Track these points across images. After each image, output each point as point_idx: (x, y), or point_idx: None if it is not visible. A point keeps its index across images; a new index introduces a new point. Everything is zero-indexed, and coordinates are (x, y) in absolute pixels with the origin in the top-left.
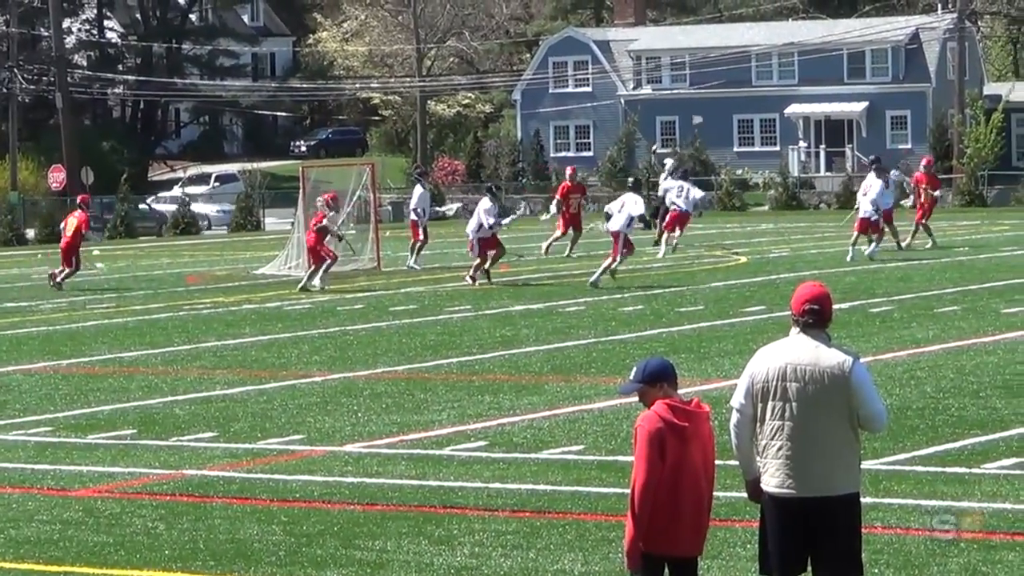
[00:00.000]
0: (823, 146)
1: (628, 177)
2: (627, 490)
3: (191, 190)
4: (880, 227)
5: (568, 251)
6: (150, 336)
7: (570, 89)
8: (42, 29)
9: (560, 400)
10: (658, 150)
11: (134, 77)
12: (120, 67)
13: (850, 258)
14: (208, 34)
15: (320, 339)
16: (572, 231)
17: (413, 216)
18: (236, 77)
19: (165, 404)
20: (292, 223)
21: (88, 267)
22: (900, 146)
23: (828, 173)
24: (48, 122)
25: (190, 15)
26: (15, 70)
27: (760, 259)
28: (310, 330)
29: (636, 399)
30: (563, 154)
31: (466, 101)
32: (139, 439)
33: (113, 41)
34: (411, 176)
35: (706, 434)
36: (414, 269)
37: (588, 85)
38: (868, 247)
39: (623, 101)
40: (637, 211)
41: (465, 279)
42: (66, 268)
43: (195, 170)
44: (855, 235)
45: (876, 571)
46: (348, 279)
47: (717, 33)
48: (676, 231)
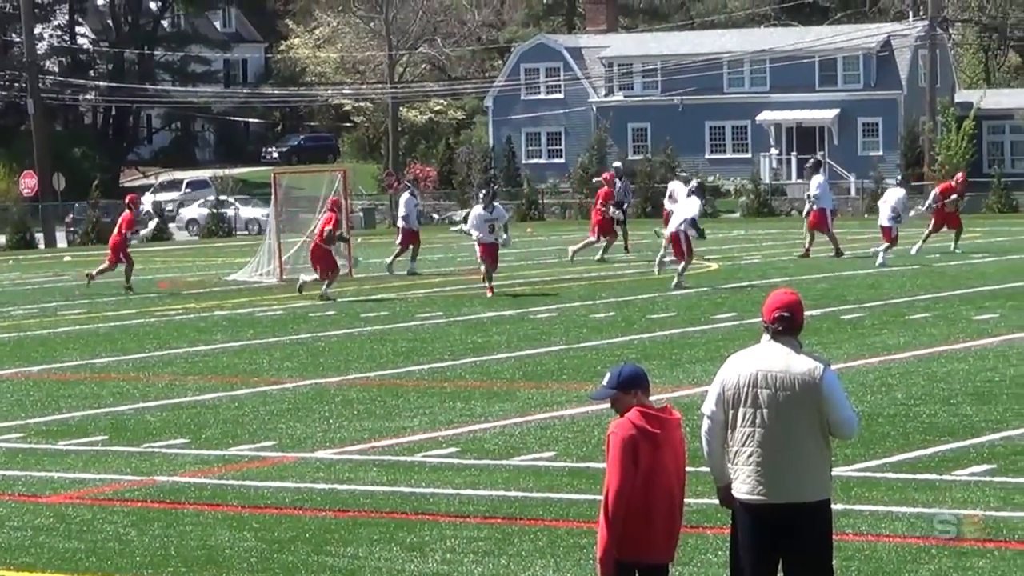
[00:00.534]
0: (795, 153)
1: (688, 182)
2: (599, 496)
3: (162, 196)
4: (895, 235)
5: (600, 254)
6: (121, 342)
7: (542, 96)
8: (13, 35)
9: (532, 407)
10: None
11: (106, 83)
12: (92, 73)
13: (880, 263)
14: (180, 40)
15: (291, 345)
16: (604, 236)
17: (401, 223)
18: (208, 83)
19: (136, 410)
20: (263, 229)
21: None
22: (871, 153)
23: (800, 180)
24: (19, 128)
25: (162, 21)
26: None
27: (731, 266)
28: (281, 336)
29: (608, 405)
30: (534, 161)
31: (438, 108)
32: (110, 445)
33: (85, 47)
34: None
35: (678, 440)
36: (405, 273)
37: (560, 92)
38: (880, 256)
39: (595, 108)
40: (691, 212)
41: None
42: (106, 266)
43: (167, 176)
44: (885, 244)
45: None
46: (319, 285)
47: (689, 40)
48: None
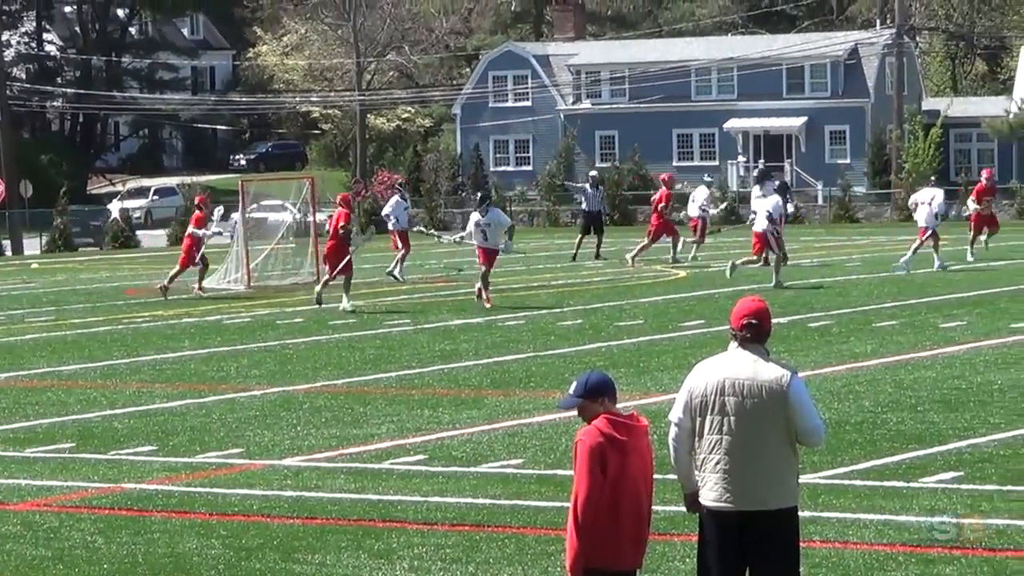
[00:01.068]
0: (762, 161)
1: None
2: (567, 504)
3: (129, 203)
4: (938, 237)
5: (672, 256)
6: (89, 349)
7: (510, 103)
8: None
9: (499, 414)
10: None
11: (73, 90)
12: (59, 80)
13: (938, 266)
14: (148, 47)
15: (259, 353)
16: (670, 237)
17: (391, 225)
18: (176, 90)
19: (104, 418)
20: (231, 237)
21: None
22: (839, 161)
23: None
24: None
25: (130, 28)
26: None
27: (699, 273)
28: (249, 344)
29: (575, 413)
30: (502, 168)
31: (406, 115)
32: (77, 453)
33: (52, 54)
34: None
35: (645, 447)
36: (396, 279)
37: (528, 99)
38: (904, 257)
39: (562, 115)
40: (769, 207)
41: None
42: (180, 268)
43: (134, 183)
44: (924, 244)
45: None
46: (287, 292)
47: (656, 48)
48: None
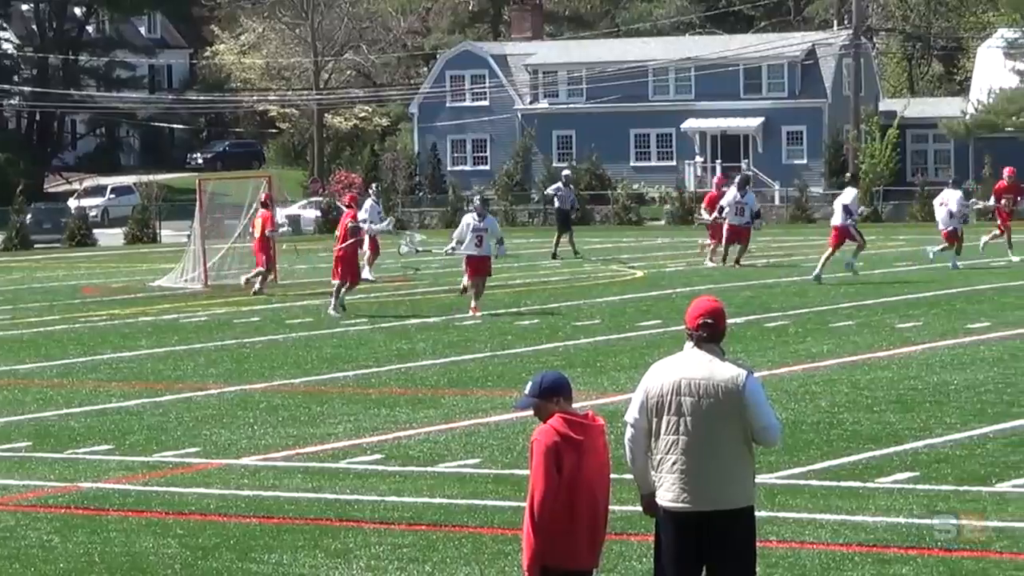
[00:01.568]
0: (719, 161)
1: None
2: (523, 503)
3: (86, 202)
4: (959, 236)
5: (724, 259)
6: (45, 348)
7: (467, 103)
8: None
9: (456, 414)
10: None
11: (30, 88)
12: (16, 78)
13: (953, 265)
14: (105, 46)
15: (216, 352)
16: (717, 242)
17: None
18: (133, 89)
19: (60, 416)
20: (188, 235)
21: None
22: (796, 161)
23: (724, 188)
24: None
25: (87, 27)
26: None
27: (656, 273)
28: (206, 342)
29: (532, 413)
30: (460, 168)
31: (363, 114)
32: (34, 452)
33: (9, 52)
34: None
35: (601, 447)
36: (369, 280)
37: (485, 99)
38: (931, 252)
39: (520, 115)
40: (847, 201)
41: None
42: (260, 268)
43: (91, 182)
44: (947, 246)
45: None
46: (244, 291)
47: (614, 48)
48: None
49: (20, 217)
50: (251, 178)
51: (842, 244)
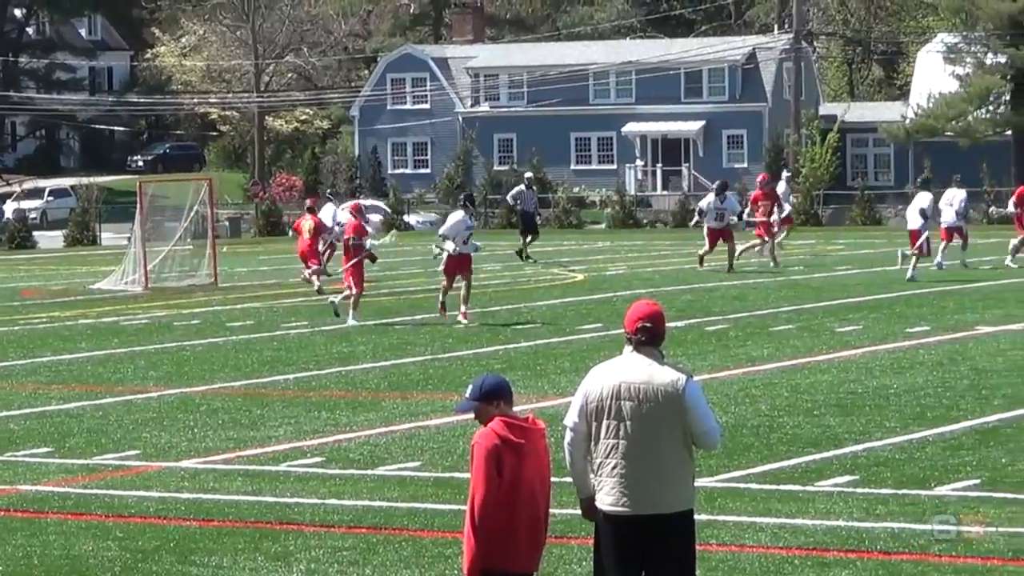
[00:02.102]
0: (660, 164)
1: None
2: (464, 506)
3: (26, 204)
4: (966, 234)
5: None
6: None
7: (408, 106)
8: None
9: (397, 417)
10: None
11: None
12: None
13: (953, 263)
14: (45, 47)
15: (156, 354)
16: (763, 239)
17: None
18: (73, 91)
19: (0, 419)
20: (129, 238)
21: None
22: (736, 165)
23: (665, 191)
24: None
25: (27, 28)
26: None
27: (597, 277)
28: (147, 345)
29: (472, 417)
30: (401, 171)
31: (304, 117)
32: None
33: None
34: (255, 194)
35: (542, 450)
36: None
37: (426, 102)
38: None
39: (461, 118)
40: (923, 205)
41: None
42: (314, 265)
43: (30, 184)
44: (945, 244)
45: None
46: (185, 294)
47: (555, 51)
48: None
49: None
50: (191, 180)
51: (941, 244)
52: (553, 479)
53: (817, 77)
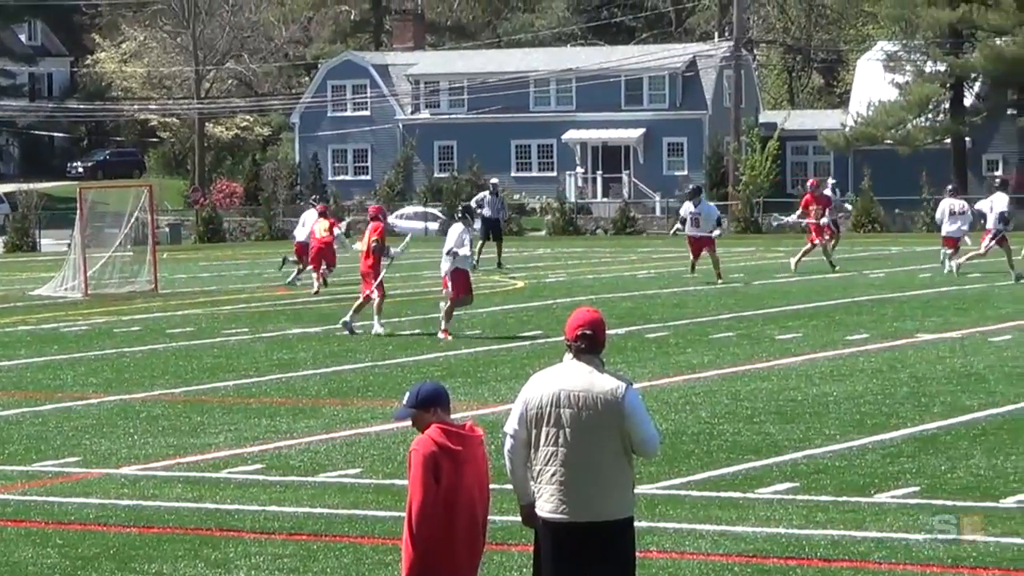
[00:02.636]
0: (600, 172)
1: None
2: (403, 513)
3: None
4: (1007, 240)
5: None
6: None
7: (348, 113)
8: None
9: (337, 423)
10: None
11: None
12: None
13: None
14: None
15: (96, 361)
16: (813, 244)
17: (300, 237)
18: (13, 97)
19: None
20: (69, 244)
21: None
22: (676, 172)
23: (605, 199)
24: None
25: None
26: None
27: (537, 284)
28: (86, 352)
29: (411, 424)
30: (341, 177)
31: (244, 124)
32: None
33: None
34: (196, 200)
35: (480, 457)
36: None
37: (366, 109)
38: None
39: (401, 125)
40: (1001, 207)
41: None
42: (328, 265)
43: None
44: (949, 251)
45: None
46: (125, 301)
47: (495, 59)
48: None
49: None
50: (131, 187)
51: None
52: (493, 485)
53: (757, 85)
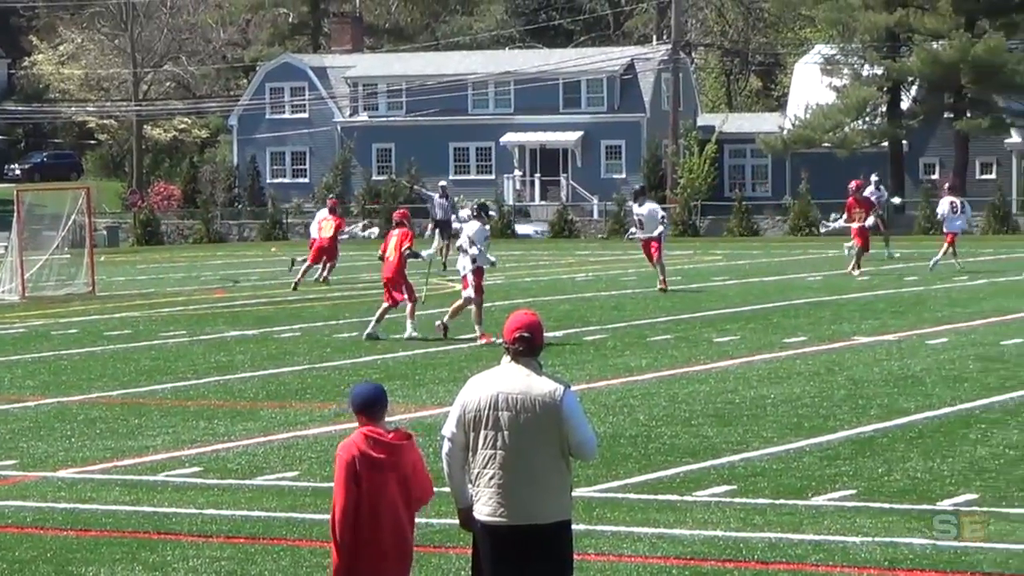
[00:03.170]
0: (538, 175)
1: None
2: None
3: None
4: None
5: (855, 265)
6: None
7: (287, 115)
8: None
9: (275, 426)
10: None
11: None
12: None
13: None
14: None
15: (33, 363)
16: (861, 247)
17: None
18: None
19: None
20: (5, 247)
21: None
22: (614, 176)
23: (543, 202)
24: None
25: None
26: None
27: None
28: (23, 354)
29: (349, 425)
30: (279, 180)
31: (182, 126)
32: None
33: None
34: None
35: (406, 464)
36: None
37: (305, 111)
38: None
39: (339, 128)
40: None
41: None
42: (329, 263)
43: None
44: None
45: None
46: (62, 303)
47: (434, 61)
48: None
49: None
50: (69, 189)
51: None
52: (435, 488)
53: (695, 88)
